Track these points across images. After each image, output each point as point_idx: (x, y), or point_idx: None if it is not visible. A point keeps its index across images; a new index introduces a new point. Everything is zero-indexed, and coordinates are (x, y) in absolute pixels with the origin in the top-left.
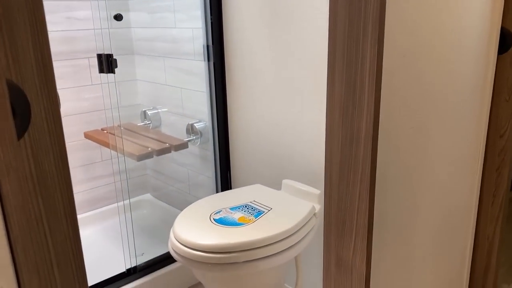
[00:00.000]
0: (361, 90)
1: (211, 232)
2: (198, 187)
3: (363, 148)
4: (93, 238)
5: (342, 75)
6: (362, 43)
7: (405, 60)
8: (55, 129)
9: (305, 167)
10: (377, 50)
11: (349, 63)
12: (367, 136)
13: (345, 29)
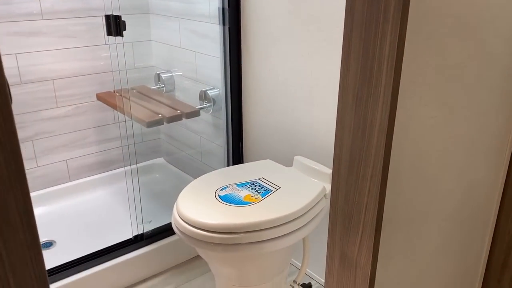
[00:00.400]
0: (377, 78)
1: (214, 210)
2: (210, 155)
3: (376, 142)
4: (104, 201)
5: (358, 59)
6: (382, 24)
7: (430, 43)
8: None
9: (319, 144)
10: (399, 34)
11: (366, 46)
12: (381, 129)
13: (364, 6)
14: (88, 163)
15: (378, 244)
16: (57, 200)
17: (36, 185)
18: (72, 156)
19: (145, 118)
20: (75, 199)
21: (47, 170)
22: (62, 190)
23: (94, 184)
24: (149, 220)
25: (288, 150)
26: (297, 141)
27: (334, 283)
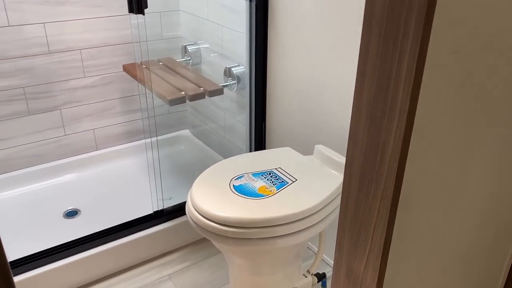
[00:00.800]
0: (393, 100)
1: (228, 202)
2: (233, 132)
3: (388, 164)
4: (129, 171)
5: (373, 75)
6: (401, 40)
7: (456, 59)
8: None
9: (342, 134)
10: (418, 53)
11: (383, 62)
12: (394, 153)
13: (383, 18)
14: (115, 133)
15: (385, 267)
16: (84, 168)
17: (64, 153)
18: (99, 126)
19: (167, 95)
20: (101, 168)
21: (75, 138)
22: (89, 159)
23: (120, 154)
24: (169, 197)
25: (310, 137)
26: (319, 128)
27: None
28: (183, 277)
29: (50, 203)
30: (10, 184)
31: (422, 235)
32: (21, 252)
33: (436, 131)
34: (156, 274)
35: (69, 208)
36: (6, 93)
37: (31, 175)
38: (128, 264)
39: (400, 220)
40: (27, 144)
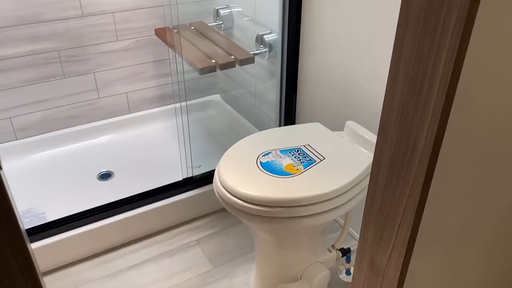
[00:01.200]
0: (426, 99)
1: (254, 180)
2: (264, 100)
3: (417, 163)
4: (161, 134)
5: (407, 71)
6: (439, 37)
7: (499, 54)
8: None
9: (375, 111)
10: (457, 53)
11: (418, 59)
12: (424, 154)
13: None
14: (147, 97)
15: (408, 264)
16: (117, 131)
17: (98, 116)
18: (132, 89)
19: (198, 63)
20: (133, 131)
21: (108, 101)
22: (122, 122)
23: (153, 118)
24: (198, 165)
25: (341, 113)
26: (351, 103)
27: (361, 284)
28: (210, 243)
29: (85, 164)
30: (47, 144)
31: (448, 234)
32: (57, 212)
33: (470, 132)
34: (184, 239)
35: (102, 170)
36: (42, 56)
37: (67, 136)
38: (158, 228)
39: (426, 219)
40: (63, 106)
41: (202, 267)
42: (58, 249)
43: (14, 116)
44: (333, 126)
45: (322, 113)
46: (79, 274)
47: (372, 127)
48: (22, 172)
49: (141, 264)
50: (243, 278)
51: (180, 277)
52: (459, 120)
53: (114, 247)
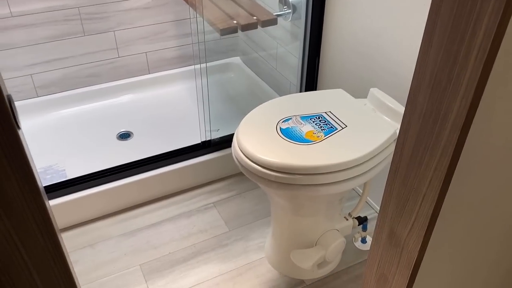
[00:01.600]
0: (462, 67)
1: (273, 146)
2: (285, 64)
3: (447, 135)
4: (180, 96)
5: (443, 37)
6: (480, 2)
7: None
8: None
9: (400, 80)
10: (500, 19)
11: (456, 24)
12: (455, 125)
13: None
14: (167, 57)
15: (430, 236)
16: (136, 91)
17: (117, 75)
18: (152, 49)
19: (219, 24)
20: (153, 92)
21: (128, 61)
22: (141, 82)
23: (172, 79)
24: (217, 129)
25: (365, 79)
26: (376, 70)
27: (378, 255)
28: (227, 205)
29: (105, 123)
30: (67, 102)
31: (472, 208)
32: (77, 169)
33: (506, 103)
34: (202, 201)
35: (122, 130)
36: (62, 12)
37: (87, 95)
38: (176, 189)
39: (451, 193)
40: (83, 64)
41: (218, 229)
42: (77, 206)
43: (35, 73)
44: (356, 93)
45: (345, 79)
46: (97, 231)
47: (396, 95)
48: (43, 129)
49: (158, 223)
50: (259, 241)
51: (196, 237)
52: (496, 90)
53: (133, 206)
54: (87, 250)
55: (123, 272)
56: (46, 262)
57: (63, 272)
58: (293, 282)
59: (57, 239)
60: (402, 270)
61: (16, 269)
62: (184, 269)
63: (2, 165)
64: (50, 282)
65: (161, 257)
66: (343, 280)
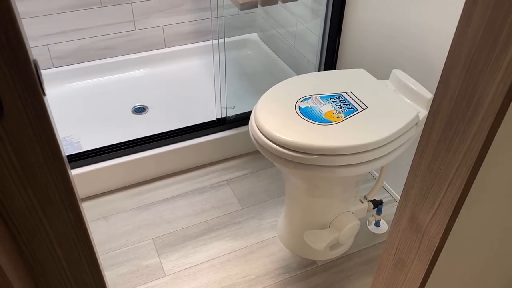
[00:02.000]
0: (502, 49)
1: (291, 125)
2: (304, 42)
3: (481, 120)
4: (196, 71)
5: (484, 16)
6: None
7: None
8: (39, 120)
9: (425, 61)
10: None
11: (499, 2)
12: (490, 110)
13: None
14: (184, 31)
15: (453, 223)
16: (152, 65)
17: (134, 48)
18: (169, 23)
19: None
20: (169, 66)
21: (144, 34)
22: (157, 56)
23: (188, 54)
24: (232, 106)
25: (387, 59)
26: (400, 51)
27: (397, 239)
28: (240, 183)
29: (120, 97)
30: (83, 74)
31: (499, 196)
32: (92, 142)
33: None
34: (215, 178)
35: (137, 104)
36: None
37: (103, 67)
38: (190, 165)
39: (480, 180)
40: (99, 36)
41: (231, 207)
42: (92, 179)
43: (51, 43)
44: (377, 74)
45: (366, 59)
46: (111, 203)
47: (419, 77)
48: (58, 100)
49: (172, 198)
50: (271, 220)
51: (209, 214)
52: None
53: (147, 180)
54: (100, 222)
55: (136, 245)
56: (68, 234)
57: (84, 244)
58: (304, 262)
59: (79, 211)
60: (422, 256)
61: (38, 240)
62: (197, 244)
63: (27, 133)
64: (72, 255)
65: (174, 232)
66: (355, 262)
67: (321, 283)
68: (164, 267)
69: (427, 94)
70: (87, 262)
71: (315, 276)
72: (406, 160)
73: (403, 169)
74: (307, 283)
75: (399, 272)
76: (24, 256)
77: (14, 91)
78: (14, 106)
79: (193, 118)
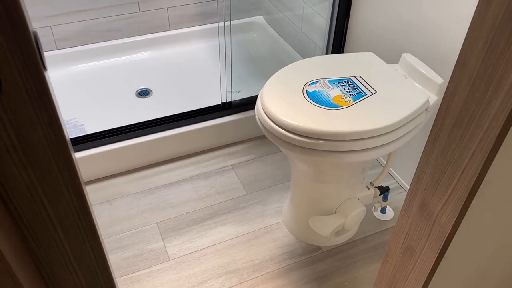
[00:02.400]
0: None
1: (299, 110)
2: (311, 26)
3: (500, 104)
4: (200, 54)
5: None
6: None
7: None
8: (40, 98)
9: (436, 46)
10: None
11: None
12: (511, 93)
13: None
14: (188, 14)
15: (466, 210)
16: (156, 47)
17: (138, 31)
18: (173, 4)
19: None
20: (173, 49)
21: (149, 16)
22: (162, 39)
23: (193, 36)
24: (238, 90)
25: (398, 43)
26: (411, 34)
27: (407, 226)
28: (245, 169)
29: (124, 79)
30: (86, 56)
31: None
32: (95, 125)
33: None
34: (220, 163)
35: (141, 87)
36: None
37: (106, 50)
38: (195, 150)
39: (495, 167)
40: (103, 18)
41: (236, 192)
42: (96, 162)
43: (54, 24)
44: (386, 58)
45: (374, 42)
46: (115, 187)
47: (429, 62)
48: (62, 83)
49: (176, 183)
50: (276, 206)
51: (214, 199)
52: None
53: (151, 164)
54: (104, 206)
55: (140, 229)
56: (71, 217)
57: (88, 228)
58: (309, 248)
59: (83, 193)
60: (432, 244)
61: (40, 224)
62: (201, 229)
63: (27, 111)
64: (75, 238)
65: (178, 216)
66: (360, 248)
67: (325, 269)
68: (169, 251)
69: (437, 79)
70: (90, 246)
71: (320, 262)
72: (414, 146)
73: (410, 155)
74: (312, 269)
75: (407, 260)
76: (26, 240)
77: (12, 63)
78: (12, 81)
79: (198, 102)
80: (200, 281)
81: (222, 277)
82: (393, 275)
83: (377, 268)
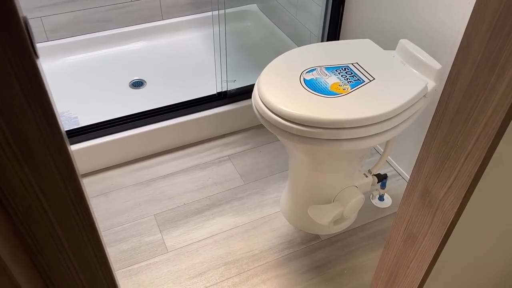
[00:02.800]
0: None
1: (296, 98)
2: (306, 13)
3: (505, 88)
4: (194, 44)
5: None
6: None
7: None
8: (32, 87)
9: (432, 31)
10: None
11: None
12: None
13: None
14: (181, 2)
15: (469, 198)
16: (149, 37)
17: (130, 20)
18: None
19: None
20: (166, 39)
21: (141, 5)
22: (154, 29)
23: (186, 26)
24: (233, 80)
25: (395, 29)
26: (408, 20)
27: (408, 214)
28: (242, 159)
29: (117, 71)
30: (78, 47)
31: None
32: (89, 117)
33: None
34: (216, 154)
35: (135, 78)
36: None
37: (98, 40)
38: (191, 140)
39: (500, 152)
40: (94, 8)
41: (233, 182)
42: (90, 154)
43: (44, 15)
44: (383, 44)
45: (371, 29)
46: (111, 180)
47: (427, 48)
48: (53, 75)
49: (173, 174)
50: (274, 195)
51: (211, 190)
52: None
53: (146, 156)
54: (101, 199)
55: (137, 222)
56: (68, 211)
57: (86, 221)
58: (308, 237)
59: (80, 187)
60: (435, 231)
61: (36, 218)
62: (199, 220)
63: (19, 101)
64: (72, 233)
65: (175, 208)
66: (359, 236)
67: (325, 258)
68: (167, 243)
69: (435, 65)
70: (89, 240)
71: (319, 251)
72: (411, 133)
73: (407, 142)
74: (311, 258)
75: (409, 247)
76: (21, 237)
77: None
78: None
79: (193, 92)
80: (199, 273)
81: (221, 268)
82: (394, 263)
83: (377, 255)
